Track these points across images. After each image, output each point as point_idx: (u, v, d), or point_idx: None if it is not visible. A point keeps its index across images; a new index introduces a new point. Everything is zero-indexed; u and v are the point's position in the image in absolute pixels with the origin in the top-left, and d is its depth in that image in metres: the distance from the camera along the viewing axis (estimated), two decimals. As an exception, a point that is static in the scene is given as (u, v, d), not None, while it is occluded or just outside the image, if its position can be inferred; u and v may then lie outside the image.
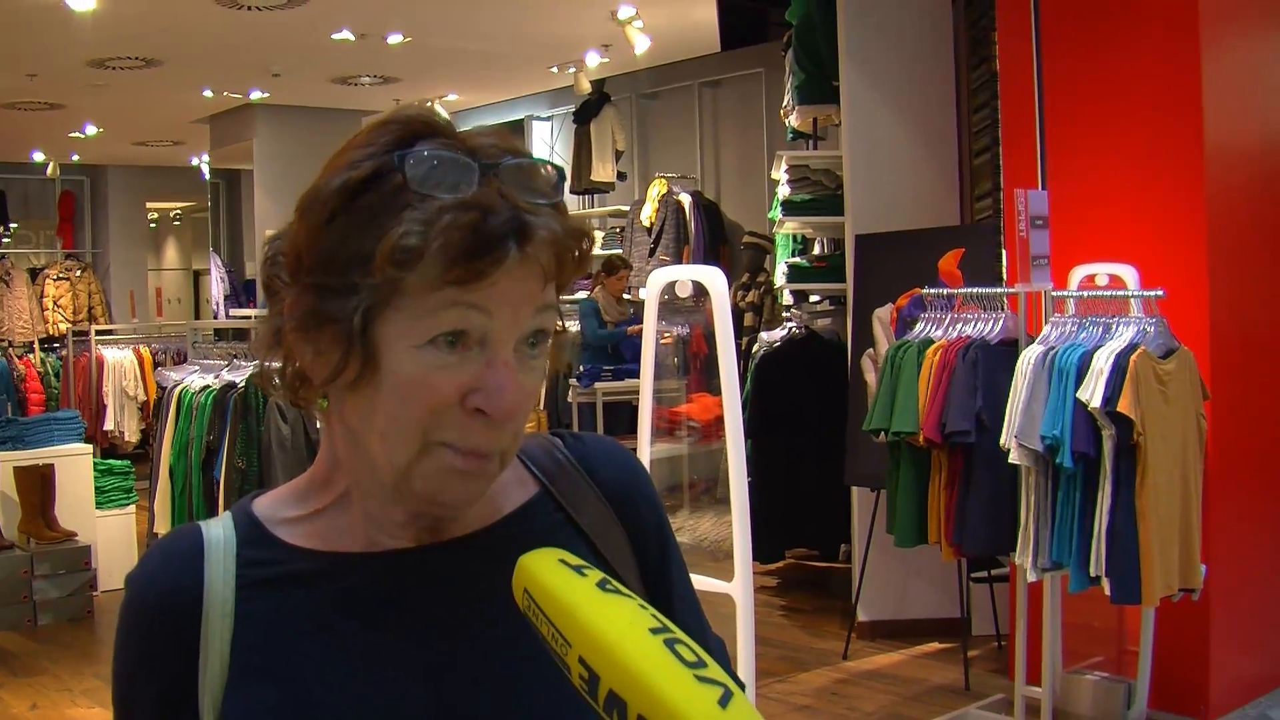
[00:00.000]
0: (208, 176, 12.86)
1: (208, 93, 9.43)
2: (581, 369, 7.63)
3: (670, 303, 3.93)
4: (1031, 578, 3.56)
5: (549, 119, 10.70)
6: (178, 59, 8.13)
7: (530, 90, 10.22)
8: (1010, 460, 3.49)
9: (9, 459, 6.24)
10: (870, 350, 4.68)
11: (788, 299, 6.53)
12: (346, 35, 7.59)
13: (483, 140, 0.87)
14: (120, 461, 7.09)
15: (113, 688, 0.96)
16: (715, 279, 3.57)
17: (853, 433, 4.98)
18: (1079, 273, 4.05)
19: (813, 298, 6.35)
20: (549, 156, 8.38)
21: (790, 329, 6.14)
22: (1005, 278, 4.61)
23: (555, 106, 10.47)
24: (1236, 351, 4.19)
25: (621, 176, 9.55)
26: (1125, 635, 4.15)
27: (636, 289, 8.14)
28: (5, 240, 12.77)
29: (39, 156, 12.26)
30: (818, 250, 6.60)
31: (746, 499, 3.50)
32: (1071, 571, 3.46)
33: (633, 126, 9.76)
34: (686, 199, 8.77)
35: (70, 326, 11.19)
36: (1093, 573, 3.42)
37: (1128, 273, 3.94)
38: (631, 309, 7.97)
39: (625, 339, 7.62)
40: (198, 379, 5.08)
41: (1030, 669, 3.82)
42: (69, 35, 7.09)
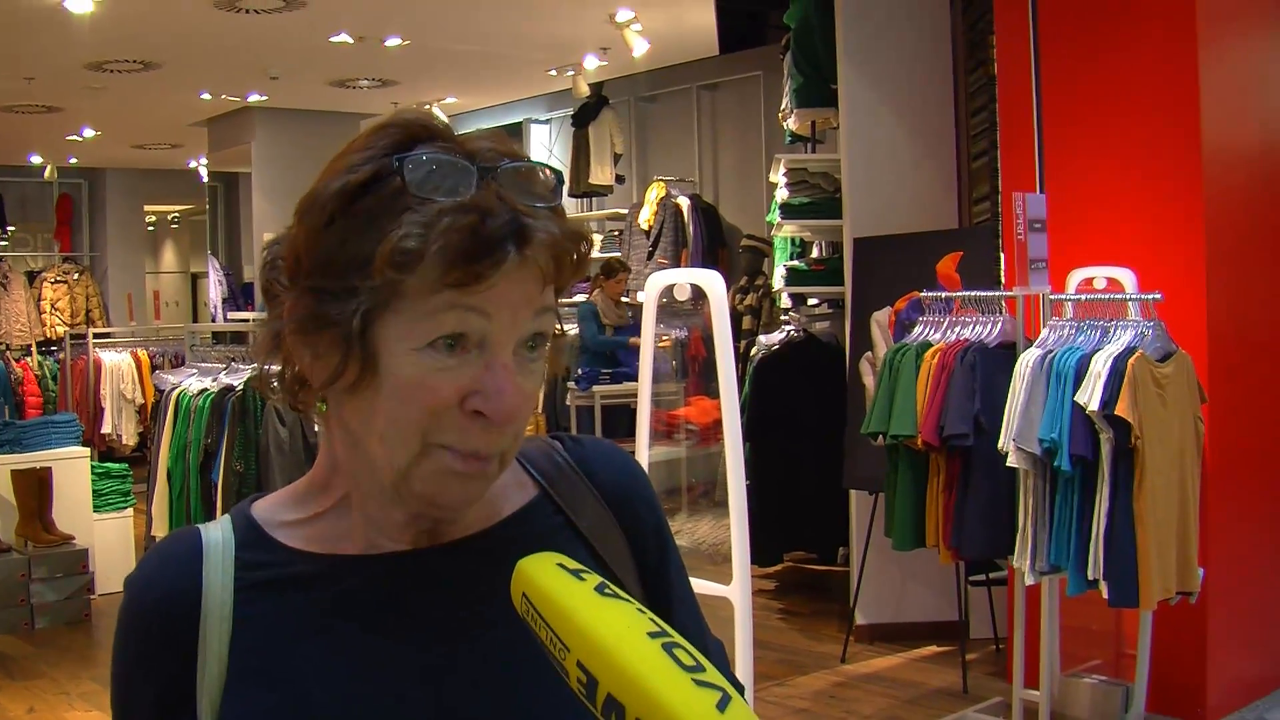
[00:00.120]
0: (206, 179, 12.87)
1: (206, 95, 9.43)
2: (580, 372, 7.62)
3: (668, 306, 3.93)
4: (1029, 581, 3.57)
5: (547, 122, 10.70)
6: (176, 62, 8.13)
7: (528, 93, 10.22)
8: (1008, 463, 3.50)
9: (6, 462, 6.23)
10: (868, 353, 4.69)
11: (786, 302, 6.53)
12: (345, 38, 7.60)
13: (481, 144, 0.87)
14: (118, 465, 7.08)
15: (111, 691, 0.96)
16: (713, 282, 3.58)
17: (851, 436, 4.98)
18: (1077, 276, 4.05)
19: (811, 301, 6.35)
20: (547, 159, 8.36)
21: (788, 332, 6.15)
22: (1003, 281, 4.61)
23: (553, 109, 10.47)
24: (1234, 354, 4.19)
25: (620, 179, 9.55)
26: (1123, 638, 4.15)
27: (635, 292, 8.14)
28: (3, 243, 12.77)
29: (36, 159, 12.25)
30: (816, 253, 6.60)
31: (745, 502, 3.51)
32: (1069, 575, 3.46)
33: (631, 129, 9.76)
34: (685, 202, 8.77)
35: (68, 329, 11.17)
36: (1090, 576, 3.42)
37: (1125, 276, 3.94)
38: (630, 312, 7.95)
39: (625, 349, 7.59)
40: (196, 382, 5.06)
41: (1028, 672, 3.81)
42: (67, 38, 7.09)
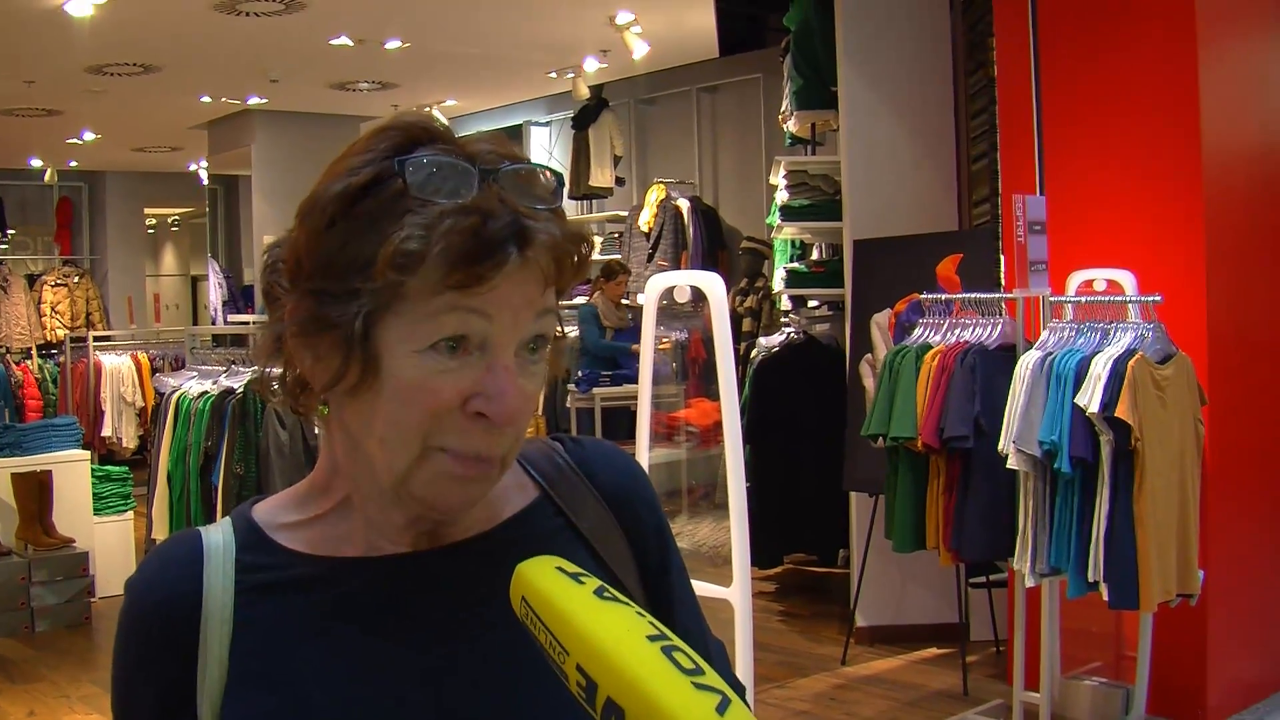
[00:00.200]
0: (206, 182, 12.86)
1: (206, 98, 9.43)
2: (580, 374, 7.62)
3: (668, 308, 3.93)
4: (1030, 583, 3.56)
5: (547, 124, 10.70)
6: (176, 65, 8.13)
7: (528, 96, 10.21)
8: (1008, 465, 3.50)
9: (7, 465, 6.23)
10: (869, 355, 4.69)
11: (786, 304, 6.53)
12: (345, 41, 7.60)
13: (481, 146, 0.87)
14: (118, 468, 7.08)
15: (111, 693, 0.96)
16: (713, 284, 3.58)
17: (851, 438, 4.98)
18: (1077, 278, 4.05)
19: (811, 303, 6.35)
20: (547, 162, 8.35)
21: (788, 334, 6.15)
22: (1003, 283, 4.61)
23: (553, 112, 10.47)
24: (1234, 356, 4.19)
25: (620, 182, 9.55)
26: (1123, 640, 4.15)
27: (635, 294, 8.14)
28: (3, 247, 12.76)
29: (37, 163, 12.26)
30: (816, 255, 6.60)
31: (745, 504, 3.50)
32: (1070, 577, 3.46)
33: (631, 132, 9.76)
34: (685, 204, 8.77)
35: (68, 333, 11.16)
36: (1091, 578, 3.42)
37: (1125, 278, 3.94)
38: (630, 314, 7.95)
39: (626, 355, 7.58)
40: (196, 385, 5.06)
41: (1028, 674, 3.81)
42: (67, 41, 7.09)
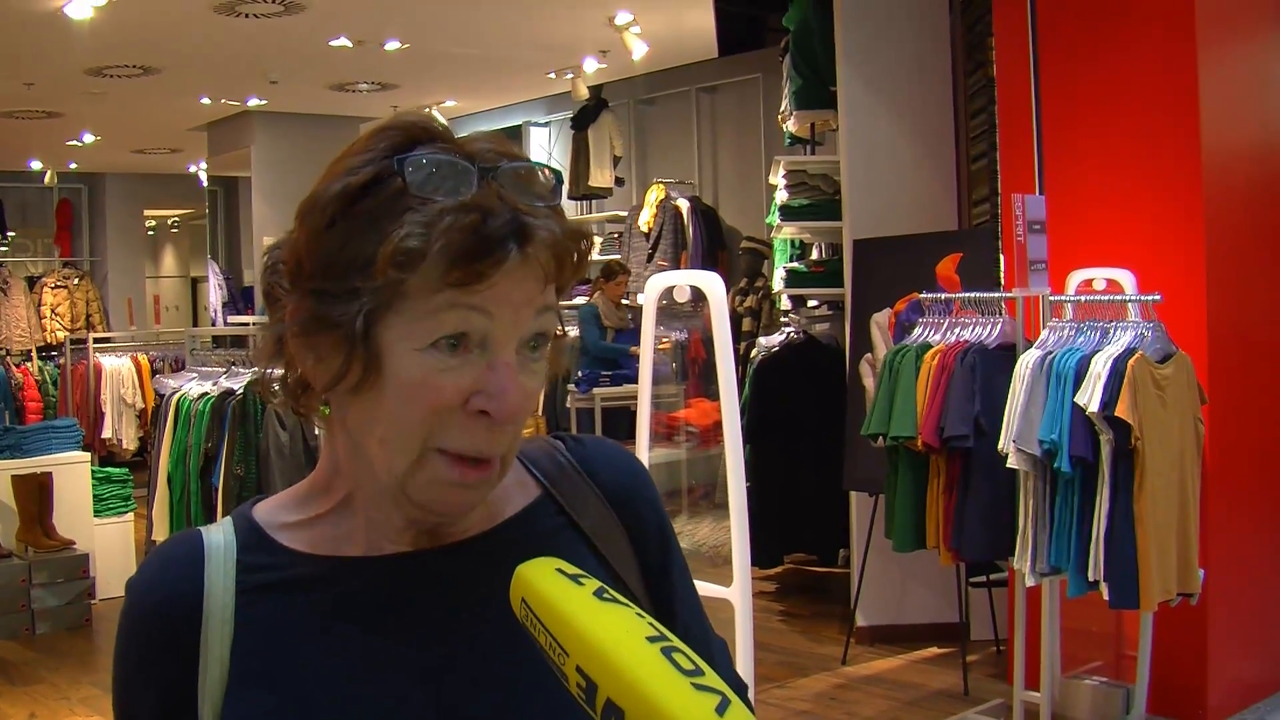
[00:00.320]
0: (205, 184, 12.88)
1: (205, 100, 9.43)
2: (580, 374, 7.62)
3: (668, 308, 3.93)
4: (1030, 582, 3.56)
5: (546, 125, 10.70)
6: (175, 67, 8.13)
7: (528, 96, 10.22)
8: (1008, 465, 3.50)
9: (7, 467, 6.23)
10: (868, 355, 4.69)
11: (786, 304, 6.53)
12: (344, 42, 7.60)
13: (480, 145, 0.88)
14: (118, 469, 7.08)
15: (112, 694, 0.96)
16: (713, 284, 3.58)
17: (851, 437, 4.98)
18: (1077, 277, 4.05)
19: (811, 303, 6.35)
20: (547, 161, 8.37)
21: (788, 334, 6.15)
22: (1003, 282, 4.61)
23: (553, 112, 10.47)
24: (1234, 355, 4.19)
25: (619, 182, 9.55)
26: (1124, 640, 4.15)
27: (635, 294, 8.14)
28: (3, 249, 12.77)
29: (36, 165, 12.26)
30: (816, 255, 6.60)
31: (745, 504, 3.51)
32: (1070, 576, 3.46)
33: (630, 132, 9.76)
34: (684, 204, 8.77)
35: (68, 334, 11.16)
36: (1091, 577, 3.42)
37: (1125, 277, 3.94)
38: (630, 314, 7.96)
39: (626, 357, 7.58)
40: (196, 386, 5.06)
41: (1029, 674, 3.81)
42: (67, 43, 7.09)
